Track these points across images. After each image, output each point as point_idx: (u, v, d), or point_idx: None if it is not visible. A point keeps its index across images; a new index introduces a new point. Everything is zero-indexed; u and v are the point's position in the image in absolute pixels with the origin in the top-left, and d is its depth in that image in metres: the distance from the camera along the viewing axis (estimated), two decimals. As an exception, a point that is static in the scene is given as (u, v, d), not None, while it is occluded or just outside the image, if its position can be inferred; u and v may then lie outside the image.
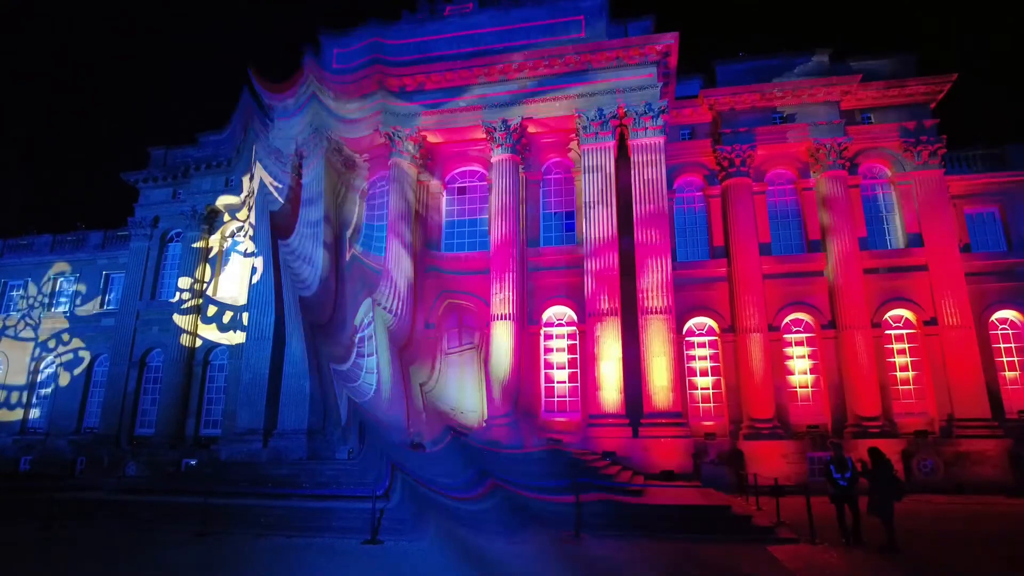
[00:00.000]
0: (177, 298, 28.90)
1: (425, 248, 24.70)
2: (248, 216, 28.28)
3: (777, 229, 24.92)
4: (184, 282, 28.90)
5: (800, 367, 23.61)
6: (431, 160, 25.48)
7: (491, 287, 22.35)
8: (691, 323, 24.35)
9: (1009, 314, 24.08)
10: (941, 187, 23.83)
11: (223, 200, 29.43)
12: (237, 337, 27.35)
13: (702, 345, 24.33)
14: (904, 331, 23.46)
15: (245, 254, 28.79)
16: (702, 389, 23.88)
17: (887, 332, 23.44)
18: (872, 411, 21.66)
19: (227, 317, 28.41)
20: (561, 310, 23.55)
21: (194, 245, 29.38)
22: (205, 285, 29.34)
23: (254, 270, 25.41)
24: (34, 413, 32.77)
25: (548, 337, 23.57)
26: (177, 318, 28.48)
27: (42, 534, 12.91)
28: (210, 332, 28.61)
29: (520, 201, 23.46)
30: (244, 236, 29.04)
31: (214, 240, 29.89)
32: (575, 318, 23.14)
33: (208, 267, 29.68)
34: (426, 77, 24.25)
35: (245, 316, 26.18)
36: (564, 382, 22.96)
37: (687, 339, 24.31)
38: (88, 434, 30.36)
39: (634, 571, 9.10)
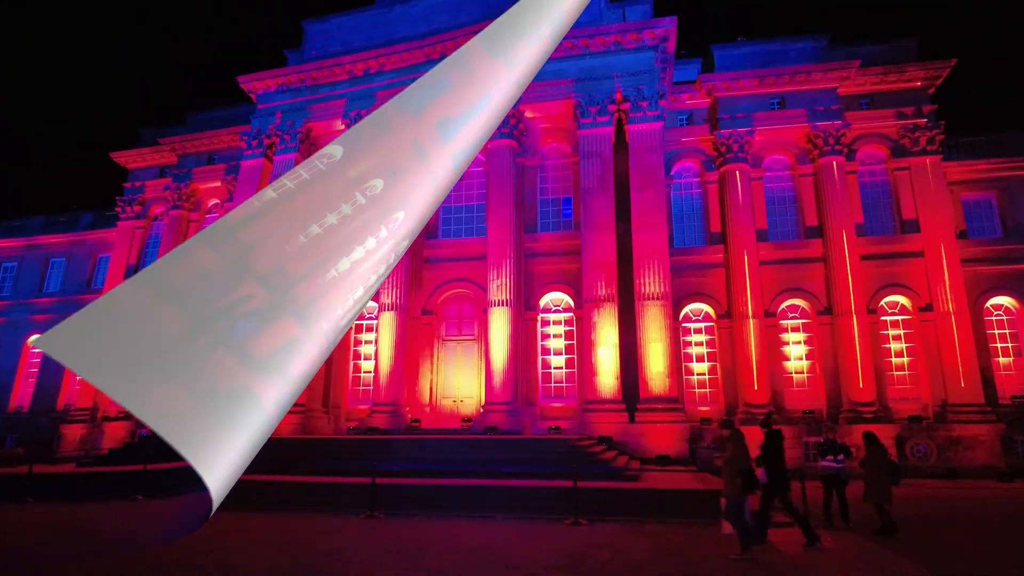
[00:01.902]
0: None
1: (423, 234, 24.64)
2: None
3: (774, 215, 24.92)
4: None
5: (796, 353, 23.72)
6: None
7: (488, 274, 22.31)
8: (688, 309, 24.42)
9: (1004, 300, 24.21)
10: (939, 173, 23.81)
11: (205, 178, 29.81)
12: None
13: (698, 331, 24.41)
14: (900, 317, 23.56)
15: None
16: (698, 375, 24.00)
17: (883, 318, 23.55)
18: (867, 396, 21.81)
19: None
20: (558, 296, 23.56)
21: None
22: None
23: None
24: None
25: (545, 323, 23.59)
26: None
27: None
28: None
29: (517, 187, 23.37)
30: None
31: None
32: (572, 304, 23.16)
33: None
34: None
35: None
36: (561, 368, 23.03)
37: (683, 325, 24.39)
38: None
39: (632, 555, 9.19)
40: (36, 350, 32.17)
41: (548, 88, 23.16)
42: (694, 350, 24.28)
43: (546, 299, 23.61)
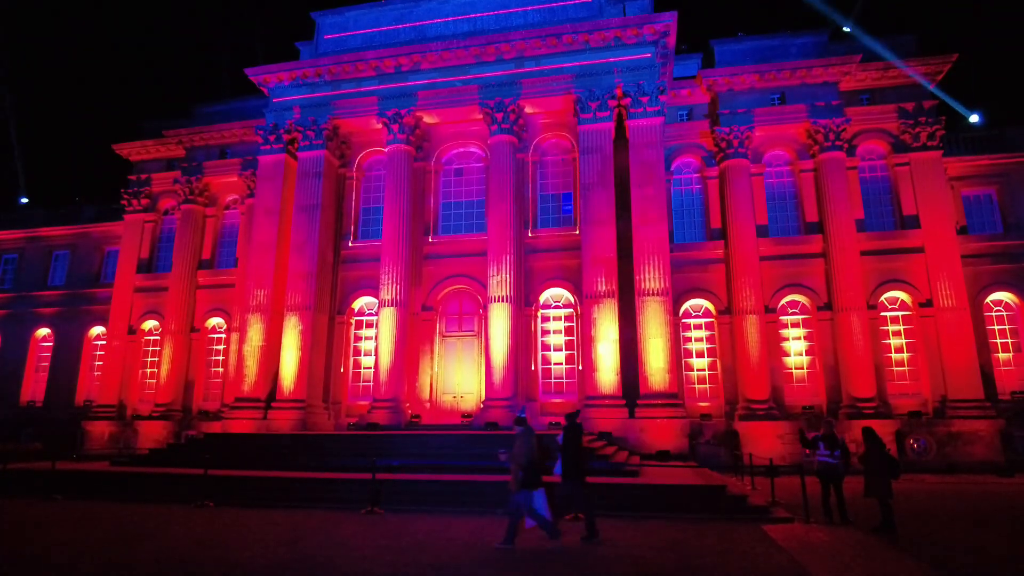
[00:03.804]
0: (174, 271, 28.72)
1: (422, 231, 24.62)
2: (249, 190, 28.22)
3: (774, 211, 24.88)
4: (181, 254, 28.71)
5: (796, 348, 23.73)
6: (427, 142, 25.30)
7: (488, 270, 22.30)
8: (688, 305, 24.40)
9: (1004, 296, 24.22)
10: (939, 169, 23.78)
11: (218, 172, 29.31)
12: (235, 309, 27.32)
13: (698, 327, 24.41)
14: (900, 313, 23.56)
15: (242, 227, 28.57)
16: (698, 370, 24.01)
17: (883, 314, 23.54)
18: (867, 392, 21.83)
19: (224, 289, 28.38)
20: (558, 292, 23.55)
21: (191, 217, 28.99)
22: (202, 257, 29.16)
23: (251, 243, 25.25)
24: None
25: (545, 319, 23.59)
26: (174, 290, 28.35)
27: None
28: (208, 304, 28.61)
29: (517, 183, 23.33)
30: (241, 209, 28.91)
31: (212, 212, 29.70)
32: (572, 300, 23.15)
33: (206, 239, 29.48)
34: (422, 57, 23.98)
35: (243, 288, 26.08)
36: (561, 364, 23.03)
37: (683, 321, 24.38)
38: (87, 407, 30.47)
39: (632, 550, 9.20)
40: (45, 343, 32.65)
41: (548, 83, 23.10)
42: (694, 346, 24.28)
43: (546, 295, 23.60)
